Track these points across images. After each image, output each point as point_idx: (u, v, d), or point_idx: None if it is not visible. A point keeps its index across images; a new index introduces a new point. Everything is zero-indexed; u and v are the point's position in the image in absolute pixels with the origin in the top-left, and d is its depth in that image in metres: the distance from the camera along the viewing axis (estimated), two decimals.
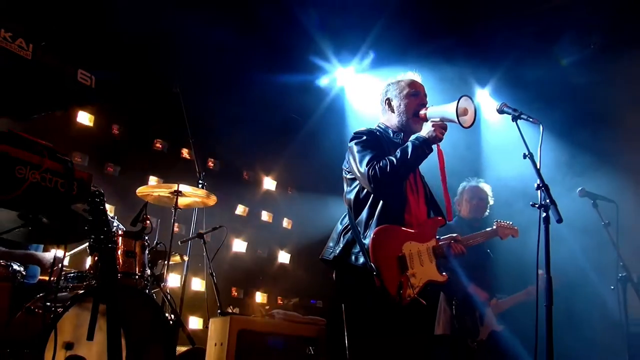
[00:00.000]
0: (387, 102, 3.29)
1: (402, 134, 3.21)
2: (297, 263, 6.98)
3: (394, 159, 2.93)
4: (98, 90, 2.10)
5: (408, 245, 2.99)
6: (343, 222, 3.11)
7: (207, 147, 6.06)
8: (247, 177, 6.87)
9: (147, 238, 4.01)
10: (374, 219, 2.96)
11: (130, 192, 4.66)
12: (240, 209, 6.64)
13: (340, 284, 3.07)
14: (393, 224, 2.98)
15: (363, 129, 3.18)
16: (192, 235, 4.85)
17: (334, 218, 3.23)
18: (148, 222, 4.03)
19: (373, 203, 3.00)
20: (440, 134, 3.01)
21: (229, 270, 6.16)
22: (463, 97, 2.97)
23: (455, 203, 4.93)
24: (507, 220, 4.46)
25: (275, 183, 7.10)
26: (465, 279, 4.29)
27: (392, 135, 3.22)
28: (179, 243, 4.79)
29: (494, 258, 4.77)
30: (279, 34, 6.07)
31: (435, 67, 5.67)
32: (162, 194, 4.55)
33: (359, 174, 3.00)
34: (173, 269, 5.04)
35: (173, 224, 4.52)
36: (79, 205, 2.50)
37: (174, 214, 4.54)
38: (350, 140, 3.13)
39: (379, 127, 3.29)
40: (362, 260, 2.88)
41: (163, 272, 4.31)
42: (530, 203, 2.73)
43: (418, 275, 2.96)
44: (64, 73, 1.98)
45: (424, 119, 3.13)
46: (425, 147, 2.99)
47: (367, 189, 3.03)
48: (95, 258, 3.46)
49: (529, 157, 2.80)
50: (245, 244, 6.61)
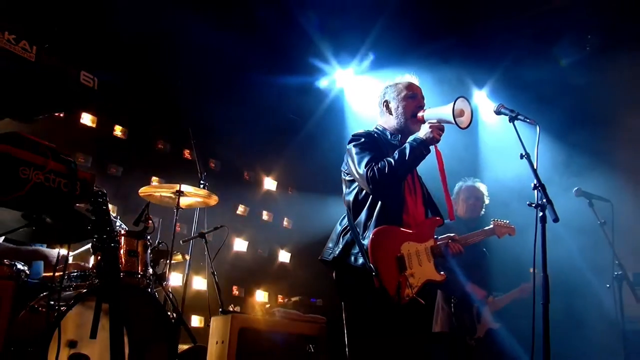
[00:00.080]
0: (385, 104, 3.28)
1: (400, 136, 3.21)
2: (297, 262, 6.98)
3: (392, 161, 2.93)
4: (100, 92, 2.10)
5: (406, 246, 2.99)
6: (342, 223, 3.11)
7: (208, 147, 6.06)
8: (247, 177, 6.87)
9: (149, 237, 4.01)
10: (373, 220, 2.96)
11: (133, 192, 4.67)
12: (241, 209, 6.64)
13: (340, 285, 3.07)
14: (391, 225, 2.98)
15: (361, 131, 3.19)
16: (193, 235, 4.85)
17: (334, 218, 3.23)
18: (150, 221, 4.04)
19: (372, 204, 3.00)
20: (438, 135, 3.01)
21: (230, 269, 6.16)
22: (459, 98, 2.96)
23: (452, 202, 4.92)
24: (504, 220, 4.46)
25: (276, 183, 7.10)
26: (463, 278, 4.29)
27: (390, 137, 3.21)
28: (181, 242, 4.78)
29: (490, 257, 4.77)
30: (279, 36, 6.07)
31: (434, 68, 5.69)
32: (164, 194, 4.55)
33: (358, 176, 3.00)
34: (175, 268, 5.04)
35: (175, 224, 4.51)
36: (82, 205, 2.51)
37: (176, 214, 4.54)
38: (349, 143, 3.13)
39: (377, 129, 3.29)
40: (361, 261, 2.89)
41: (165, 271, 4.32)
42: (527, 203, 2.73)
43: (416, 275, 2.96)
44: (67, 75, 1.98)
45: (422, 121, 3.12)
46: (423, 148, 2.99)
47: (365, 191, 3.02)
48: (98, 257, 3.46)
49: (526, 157, 2.80)
50: (246, 244, 6.60)
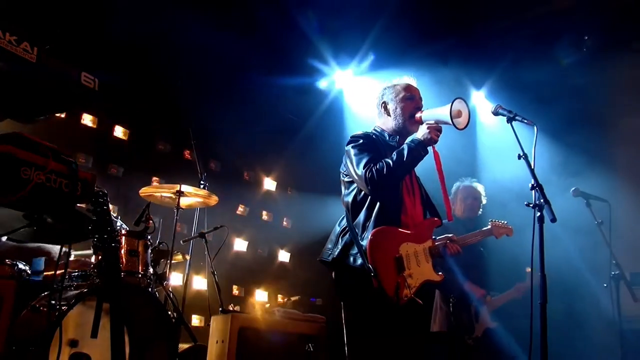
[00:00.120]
0: (383, 105, 3.28)
1: (398, 137, 3.21)
2: (297, 262, 6.97)
3: (391, 162, 2.93)
4: (101, 93, 2.10)
5: (405, 246, 2.99)
6: (341, 224, 3.12)
7: (208, 148, 6.05)
8: (247, 177, 6.86)
9: (149, 237, 4.01)
10: (371, 221, 2.96)
11: (134, 192, 4.67)
12: (241, 209, 6.64)
13: (339, 285, 3.08)
14: (390, 226, 2.98)
15: (359, 133, 3.19)
16: (194, 235, 4.85)
17: (333, 218, 3.23)
18: (151, 221, 4.03)
19: (370, 205, 3.00)
20: (435, 136, 3.01)
21: (230, 269, 6.15)
22: (457, 99, 2.96)
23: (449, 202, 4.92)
24: (501, 220, 4.46)
25: (275, 183, 7.10)
26: (461, 277, 4.29)
27: (388, 138, 3.22)
28: (181, 242, 4.78)
29: (488, 257, 4.77)
30: (279, 37, 6.07)
31: (433, 69, 5.69)
32: (164, 195, 4.55)
33: (357, 177, 3.00)
34: (175, 268, 5.04)
35: (175, 224, 4.51)
36: (84, 205, 2.50)
37: (176, 214, 4.54)
38: (347, 144, 3.13)
39: (375, 130, 3.29)
40: (360, 262, 2.89)
41: (165, 270, 4.31)
42: (525, 203, 2.73)
43: (415, 276, 2.96)
44: (68, 76, 1.98)
45: (419, 122, 3.12)
46: (421, 149, 2.99)
47: (364, 192, 3.03)
48: (99, 257, 3.46)
49: (524, 157, 2.81)
50: (246, 243, 6.60)
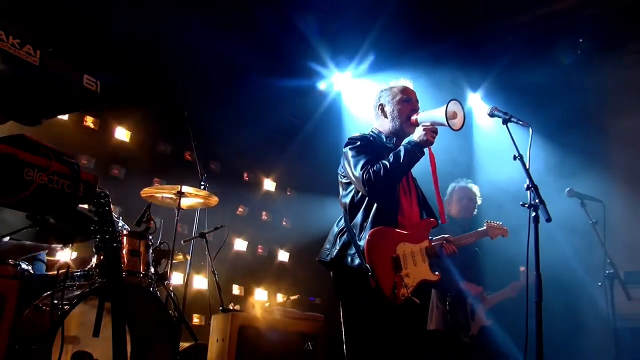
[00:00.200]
0: (380, 107, 3.29)
1: (394, 139, 3.21)
2: (296, 261, 6.98)
3: (387, 163, 2.93)
4: (103, 95, 2.10)
5: (402, 247, 2.99)
6: (339, 224, 3.12)
7: (208, 149, 6.05)
8: (247, 178, 6.86)
9: (151, 237, 4.01)
10: (369, 222, 2.96)
11: (135, 193, 4.66)
12: (241, 209, 6.64)
13: (337, 284, 3.08)
14: (387, 226, 2.98)
15: (357, 135, 3.19)
16: (194, 235, 4.85)
17: (331, 218, 3.23)
18: (152, 222, 4.04)
19: (367, 206, 3.01)
20: (432, 138, 3.01)
21: (230, 269, 6.15)
22: (452, 101, 2.96)
23: (445, 203, 4.93)
24: (497, 221, 4.46)
25: (275, 184, 7.10)
26: (457, 277, 4.30)
27: (385, 140, 3.22)
28: (182, 242, 4.78)
29: (484, 257, 4.78)
30: (278, 40, 6.07)
31: (430, 71, 5.69)
32: (165, 195, 4.55)
33: (354, 178, 3.00)
34: (176, 268, 5.03)
35: (176, 224, 4.51)
36: (86, 206, 2.50)
37: (177, 215, 4.54)
38: (345, 146, 3.13)
39: (373, 132, 3.29)
40: (357, 262, 2.89)
41: (166, 270, 4.31)
42: (520, 203, 2.74)
43: (412, 275, 2.96)
44: (70, 79, 1.98)
45: (416, 124, 3.12)
46: (417, 150, 2.99)
47: (361, 193, 3.03)
48: (101, 257, 3.46)
49: (519, 158, 2.81)
50: (246, 243, 6.60)
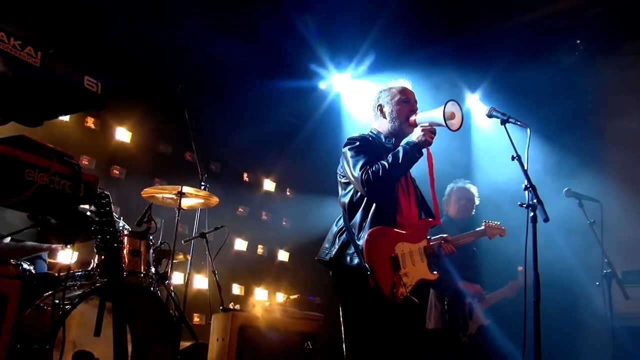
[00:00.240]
0: (379, 108, 3.29)
1: (393, 139, 3.21)
2: (296, 261, 6.98)
3: (386, 164, 2.93)
4: (104, 96, 2.09)
5: (400, 246, 2.99)
6: (338, 224, 3.12)
7: (209, 150, 6.05)
8: (247, 179, 6.87)
9: (151, 238, 4.02)
10: (368, 221, 2.96)
11: (136, 193, 4.66)
12: (241, 210, 6.64)
13: (337, 284, 3.08)
14: (386, 226, 2.98)
15: (356, 135, 3.19)
16: (195, 235, 4.84)
17: (330, 218, 3.23)
18: (153, 222, 4.04)
19: (366, 206, 3.01)
20: (430, 138, 3.01)
21: (231, 269, 6.15)
22: (450, 101, 2.96)
23: (443, 204, 4.94)
24: (495, 221, 4.47)
25: (275, 185, 7.10)
26: (456, 276, 4.30)
27: (384, 140, 3.22)
28: (183, 242, 4.78)
29: (483, 257, 4.78)
30: (278, 41, 6.07)
31: (428, 73, 5.69)
32: (166, 196, 4.55)
33: (353, 179, 3.00)
34: (177, 267, 5.03)
35: (177, 224, 4.51)
36: (87, 207, 2.50)
37: (178, 215, 4.54)
38: (344, 146, 3.13)
39: (372, 132, 3.29)
40: (356, 261, 2.89)
41: (167, 270, 4.31)
42: (518, 203, 2.74)
43: (410, 275, 2.96)
44: (71, 80, 1.98)
45: (414, 125, 3.12)
46: (416, 151, 3.00)
47: (360, 193, 3.03)
48: (102, 257, 3.46)
49: (517, 159, 2.81)
50: (246, 243, 6.60)
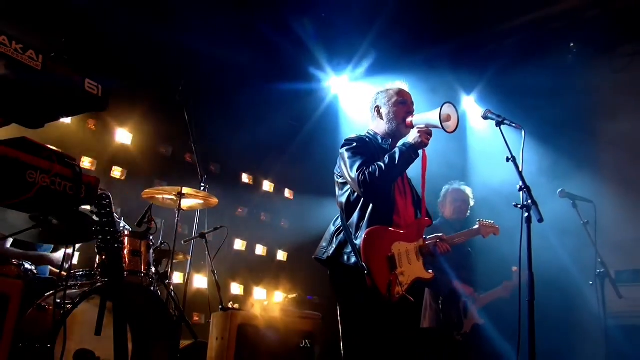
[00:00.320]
0: (376, 109, 3.29)
1: (390, 140, 3.22)
2: (294, 261, 6.98)
3: (383, 165, 2.94)
4: (105, 98, 2.10)
5: (397, 245, 3.00)
6: (335, 223, 3.12)
7: (208, 151, 6.06)
8: (246, 180, 6.86)
9: (152, 238, 4.01)
10: (365, 221, 2.97)
11: (136, 194, 4.66)
12: (240, 210, 6.64)
13: (334, 283, 3.08)
14: (383, 225, 2.98)
15: (353, 136, 3.19)
16: (194, 235, 4.85)
17: (328, 218, 3.23)
18: (153, 222, 4.04)
19: (363, 206, 3.01)
20: (426, 140, 3.02)
21: (230, 268, 6.16)
22: (446, 103, 2.97)
23: (439, 205, 4.95)
24: (489, 220, 4.48)
25: (273, 185, 7.11)
26: (451, 276, 4.31)
27: (381, 142, 3.22)
28: (182, 242, 4.78)
29: (476, 257, 4.79)
30: (277, 44, 6.08)
31: (425, 75, 5.70)
32: (166, 197, 4.55)
33: (350, 179, 3.00)
34: (177, 267, 5.03)
35: (177, 225, 4.51)
36: (88, 207, 2.51)
37: (178, 215, 4.54)
38: (342, 147, 3.13)
39: (369, 133, 3.29)
40: (353, 260, 2.89)
41: (167, 270, 4.31)
42: (513, 204, 2.74)
43: (406, 274, 2.97)
44: (72, 83, 1.98)
45: (411, 126, 3.13)
46: (412, 152, 3.00)
47: (357, 193, 3.03)
48: (103, 257, 3.45)
49: (512, 160, 2.82)
50: (245, 243, 6.61)
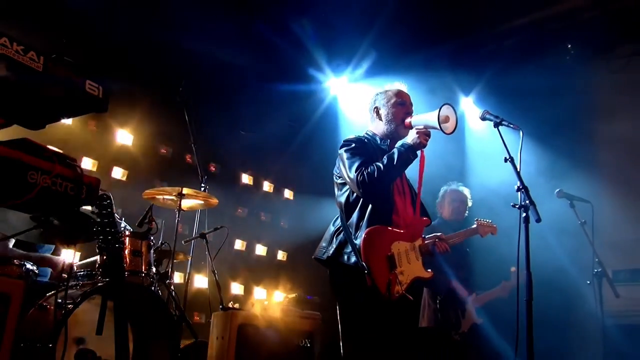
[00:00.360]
0: (375, 110, 3.29)
1: (389, 141, 3.22)
2: (294, 261, 6.98)
3: (381, 165, 2.94)
4: (105, 99, 2.10)
5: (396, 245, 3.00)
6: (335, 223, 3.12)
7: (208, 152, 6.06)
8: (246, 180, 6.86)
9: (152, 238, 4.01)
10: (364, 221, 2.97)
11: (137, 195, 4.66)
12: (240, 210, 6.64)
13: (334, 282, 3.08)
14: (382, 225, 2.99)
15: (352, 137, 3.19)
16: (195, 235, 4.85)
17: (328, 218, 3.23)
18: (153, 223, 4.04)
19: (363, 206, 3.01)
20: (424, 141, 3.02)
21: (230, 268, 6.16)
22: (444, 105, 2.97)
23: (437, 206, 4.95)
24: (486, 219, 4.48)
25: (273, 186, 7.11)
26: (449, 276, 4.31)
27: (379, 142, 3.23)
28: (183, 243, 4.78)
29: (476, 257, 4.79)
30: (277, 45, 6.08)
31: (423, 76, 5.70)
32: (166, 197, 4.55)
33: (349, 180, 3.00)
34: (177, 267, 5.02)
35: (177, 225, 4.51)
36: (89, 208, 2.50)
37: (178, 216, 4.54)
38: (340, 147, 3.13)
39: (367, 134, 3.30)
40: (353, 260, 2.90)
41: (168, 270, 4.31)
42: (511, 204, 2.74)
43: (406, 273, 2.97)
44: (73, 84, 1.98)
45: (410, 127, 3.13)
46: (410, 153, 3.01)
47: (356, 193, 3.03)
48: (104, 257, 3.46)
49: (510, 160, 2.82)
50: (245, 243, 6.61)
